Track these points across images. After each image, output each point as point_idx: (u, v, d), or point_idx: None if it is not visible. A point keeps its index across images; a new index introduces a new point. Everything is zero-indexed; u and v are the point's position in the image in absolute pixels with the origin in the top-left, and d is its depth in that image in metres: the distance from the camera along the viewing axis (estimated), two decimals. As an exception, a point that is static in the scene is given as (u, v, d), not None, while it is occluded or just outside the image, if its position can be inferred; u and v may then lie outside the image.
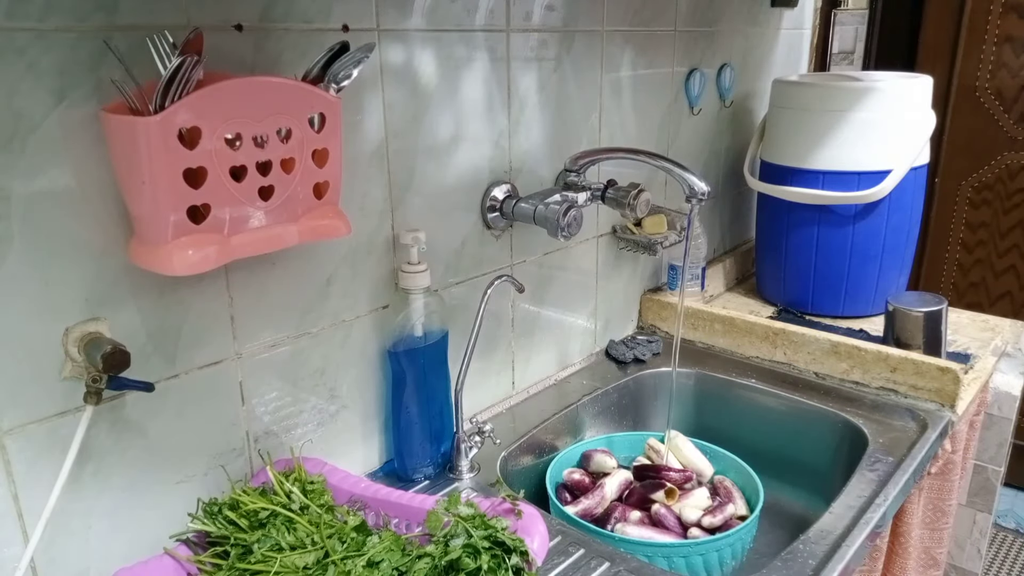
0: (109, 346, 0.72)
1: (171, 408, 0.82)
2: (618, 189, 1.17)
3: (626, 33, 1.33)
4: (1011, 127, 1.99)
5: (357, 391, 1.03)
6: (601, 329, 1.47)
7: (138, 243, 0.72)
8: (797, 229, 1.55)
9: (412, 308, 1.01)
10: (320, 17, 0.86)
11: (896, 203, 1.48)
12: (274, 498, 0.82)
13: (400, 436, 1.04)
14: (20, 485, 0.72)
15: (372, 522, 0.88)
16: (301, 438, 0.97)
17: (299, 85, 0.76)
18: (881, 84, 1.45)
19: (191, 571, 0.78)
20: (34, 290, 0.70)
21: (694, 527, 1.02)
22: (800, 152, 1.51)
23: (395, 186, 1.00)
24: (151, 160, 0.65)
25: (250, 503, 0.79)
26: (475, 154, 1.11)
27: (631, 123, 1.40)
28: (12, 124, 0.66)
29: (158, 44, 0.68)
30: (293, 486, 0.83)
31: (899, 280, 1.58)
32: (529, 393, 1.31)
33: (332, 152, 0.79)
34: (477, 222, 1.14)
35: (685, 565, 0.92)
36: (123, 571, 0.75)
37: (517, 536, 0.77)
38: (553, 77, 1.20)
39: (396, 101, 0.97)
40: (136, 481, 0.81)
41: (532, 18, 1.14)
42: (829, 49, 2.05)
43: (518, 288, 1.12)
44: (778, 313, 1.63)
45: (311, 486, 0.85)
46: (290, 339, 0.93)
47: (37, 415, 0.72)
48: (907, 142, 1.45)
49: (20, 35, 0.65)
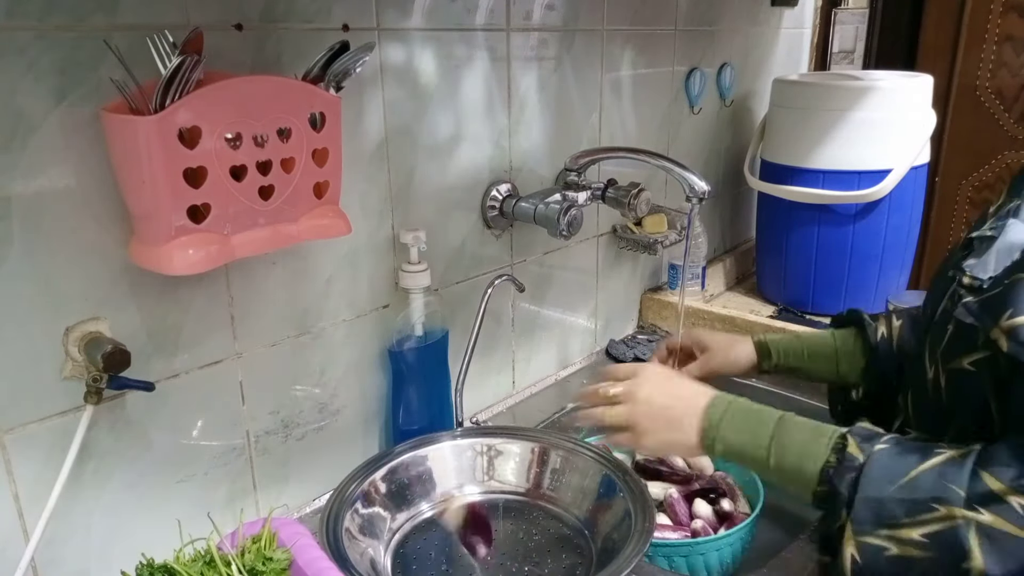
0: (109, 346, 0.72)
1: (171, 408, 0.82)
2: (618, 188, 1.17)
3: (626, 32, 1.33)
4: (1011, 126, 1.98)
5: (357, 390, 1.03)
6: (601, 328, 1.47)
7: (138, 243, 0.72)
8: (797, 228, 1.55)
9: (412, 307, 1.01)
10: (320, 16, 0.86)
11: (896, 202, 1.47)
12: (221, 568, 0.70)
13: (400, 435, 1.03)
14: (20, 484, 0.72)
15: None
16: (301, 438, 0.97)
17: (299, 84, 0.76)
18: (881, 83, 1.44)
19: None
20: (34, 290, 0.70)
21: (698, 519, 1.02)
22: (800, 151, 1.51)
23: (395, 185, 1.00)
24: (151, 159, 0.65)
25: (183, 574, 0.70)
26: (475, 153, 1.10)
27: (631, 122, 1.40)
28: (12, 124, 0.66)
29: (158, 44, 0.68)
30: (250, 555, 0.72)
31: (899, 279, 1.58)
32: (529, 392, 1.31)
33: (332, 151, 0.79)
34: (477, 221, 1.14)
35: (685, 565, 0.92)
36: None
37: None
38: (553, 76, 1.20)
39: (396, 100, 0.97)
40: (136, 480, 0.81)
41: (532, 17, 1.14)
42: (829, 48, 2.05)
43: (518, 287, 1.12)
44: (778, 312, 1.62)
45: (269, 563, 0.72)
46: (290, 339, 0.93)
47: (38, 414, 0.72)
48: (907, 141, 1.45)
49: (20, 34, 0.65)
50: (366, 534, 0.88)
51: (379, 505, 0.92)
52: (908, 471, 0.64)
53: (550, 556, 0.89)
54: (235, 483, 0.91)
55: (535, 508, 0.95)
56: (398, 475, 0.95)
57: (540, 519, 0.94)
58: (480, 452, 1.01)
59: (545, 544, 0.91)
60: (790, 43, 1.90)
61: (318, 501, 1.00)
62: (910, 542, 0.62)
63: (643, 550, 0.79)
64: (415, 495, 0.95)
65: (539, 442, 1.00)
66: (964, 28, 1.99)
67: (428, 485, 0.97)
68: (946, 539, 0.60)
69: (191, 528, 0.76)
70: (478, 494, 0.98)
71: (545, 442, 1.00)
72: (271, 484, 0.95)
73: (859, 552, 0.64)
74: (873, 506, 0.64)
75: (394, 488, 0.94)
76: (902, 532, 0.62)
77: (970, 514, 0.59)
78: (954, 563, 0.59)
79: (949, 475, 0.62)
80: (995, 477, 0.60)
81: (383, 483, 0.93)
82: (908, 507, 0.62)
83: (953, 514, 0.60)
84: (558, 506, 0.96)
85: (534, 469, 1.00)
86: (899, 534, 0.62)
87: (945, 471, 0.62)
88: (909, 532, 0.62)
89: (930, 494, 0.61)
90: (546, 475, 0.99)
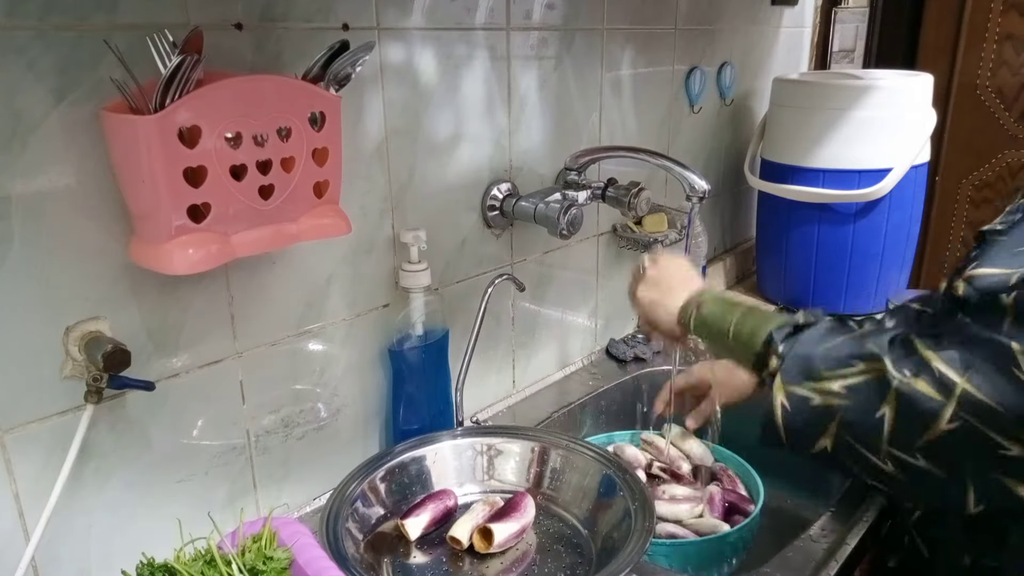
0: (109, 345, 0.72)
1: (172, 407, 0.82)
2: (618, 188, 1.17)
3: (626, 31, 1.32)
4: (1012, 125, 1.98)
5: (358, 390, 1.03)
6: (602, 328, 1.47)
7: (138, 242, 0.72)
8: (798, 227, 1.55)
9: (412, 307, 1.01)
10: (320, 16, 0.86)
11: (896, 201, 1.47)
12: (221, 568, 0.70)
13: (400, 435, 1.03)
14: (21, 484, 0.72)
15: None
16: (301, 437, 0.97)
17: (299, 84, 0.76)
18: (881, 82, 1.44)
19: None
20: (34, 289, 0.70)
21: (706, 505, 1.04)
22: (800, 150, 1.51)
23: (395, 185, 1.00)
24: (151, 159, 0.65)
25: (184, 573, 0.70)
26: (475, 153, 1.10)
27: (631, 121, 1.40)
28: (12, 124, 0.66)
29: (158, 43, 0.68)
30: (251, 555, 0.72)
31: (900, 278, 1.58)
32: (530, 392, 1.31)
33: (332, 151, 0.79)
34: (477, 221, 1.14)
35: (686, 563, 0.92)
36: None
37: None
38: (553, 76, 1.20)
39: (396, 100, 0.97)
40: (137, 480, 0.81)
41: (532, 16, 1.14)
42: (829, 47, 2.05)
43: (519, 287, 1.12)
44: (779, 311, 1.62)
45: (269, 563, 0.72)
46: (290, 338, 0.93)
47: (38, 414, 0.72)
48: (907, 140, 1.45)
49: (20, 34, 0.65)
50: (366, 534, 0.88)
51: (379, 505, 0.92)
52: (837, 337, 0.73)
53: (550, 556, 0.89)
54: (235, 482, 0.91)
55: (535, 508, 0.94)
56: (398, 475, 0.95)
57: (540, 519, 0.94)
58: (480, 452, 1.01)
59: (545, 544, 0.91)
60: (790, 42, 1.90)
61: (318, 500, 1.00)
62: (831, 392, 0.70)
63: (643, 549, 0.79)
64: (415, 495, 0.95)
65: (539, 441, 1.00)
66: (964, 27, 1.99)
67: (428, 485, 0.97)
68: (860, 389, 0.69)
69: (191, 527, 0.76)
70: (477, 492, 0.98)
71: (545, 441, 1.00)
72: (271, 483, 0.95)
73: (788, 400, 0.73)
74: (801, 362, 0.73)
75: (394, 488, 0.94)
76: (824, 384, 0.71)
77: (883, 367, 0.68)
78: (869, 410, 0.68)
79: (869, 338, 0.71)
80: (922, 343, 0.68)
81: (383, 483, 0.94)
82: (831, 363, 0.71)
83: (869, 368, 0.69)
84: (558, 505, 0.96)
85: (534, 468, 1.00)
86: (821, 386, 0.71)
87: (865, 335, 0.72)
88: (830, 384, 0.70)
89: (849, 352, 0.71)
90: (546, 475, 0.99)
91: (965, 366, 0.64)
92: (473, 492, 0.99)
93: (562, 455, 0.99)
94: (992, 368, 0.63)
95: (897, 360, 0.67)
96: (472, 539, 0.89)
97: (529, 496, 0.94)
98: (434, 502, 0.92)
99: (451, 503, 0.94)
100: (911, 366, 0.66)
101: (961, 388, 0.63)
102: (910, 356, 0.67)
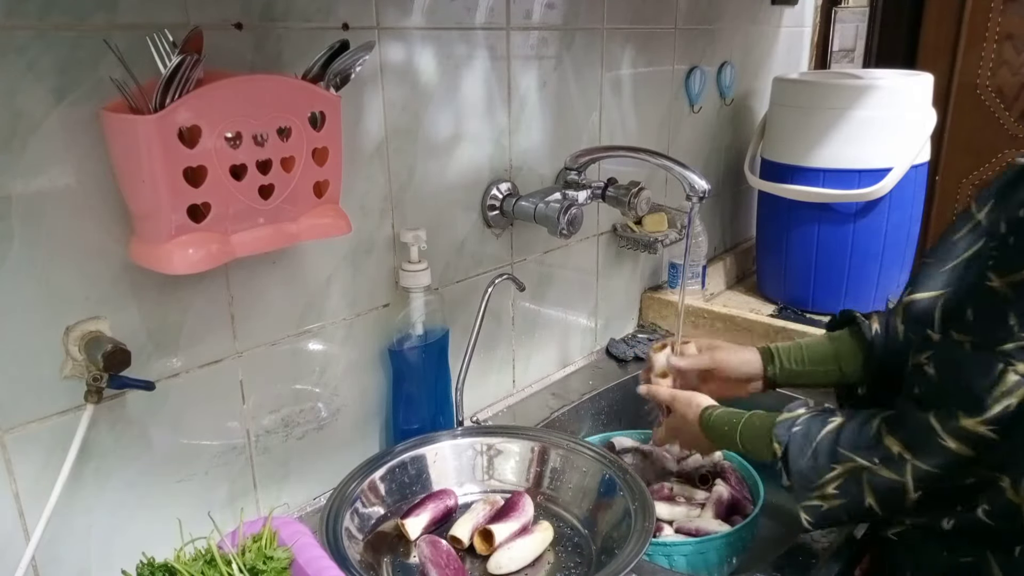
0: (110, 345, 0.72)
1: (172, 407, 0.82)
2: (618, 187, 1.17)
3: (626, 31, 1.32)
4: (1012, 125, 1.98)
5: (358, 389, 1.03)
6: (602, 327, 1.47)
7: (138, 242, 0.72)
8: (798, 227, 1.55)
9: (412, 307, 1.01)
10: (320, 16, 0.86)
11: (897, 201, 1.47)
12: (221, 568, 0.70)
13: (400, 435, 1.03)
14: (21, 484, 0.72)
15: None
16: (301, 437, 0.97)
17: (299, 83, 0.76)
18: (882, 82, 1.44)
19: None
20: (34, 289, 0.70)
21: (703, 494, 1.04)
22: (801, 150, 1.51)
23: (395, 184, 1.00)
24: (151, 159, 0.65)
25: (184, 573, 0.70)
26: (475, 152, 1.10)
27: (631, 121, 1.40)
28: (12, 123, 0.66)
29: (158, 43, 0.68)
30: (251, 555, 0.72)
31: (900, 278, 1.58)
32: (530, 392, 1.31)
33: (332, 151, 0.79)
34: (477, 220, 1.14)
35: (686, 563, 0.92)
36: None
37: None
38: (553, 75, 1.20)
39: (396, 99, 0.97)
40: (137, 480, 0.81)
41: (532, 16, 1.14)
42: (830, 47, 2.05)
43: (519, 286, 1.12)
44: (779, 311, 1.62)
45: (269, 562, 0.72)
46: (290, 338, 0.93)
47: (38, 414, 0.72)
48: (908, 140, 1.45)
49: (20, 34, 0.65)
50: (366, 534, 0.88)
51: (379, 505, 0.92)
52: (812, 442, 0.80)
53: (550, 555, 0.89)
54: (235, 482, 0.91)
55: (535, 507, 0.94)
56: (398, 474, 0.95)
57: (540, 518, 0.94)
58: (480, 451, 1.01)
59: (545, 543, 0.91)
60: (790, 42, 1.90)
61: (318, 500, 1.00)
62: (830, 495, 0.79)
63: (643, 549, 0.79)
64: (415, 494, 0.95)
65: (539, 441, 1.00)
66: (964, 26, 1.99)
67: (428, 485, 0.97)
68: (847, 488, 0.77)
69: (191, 527, 0.76)
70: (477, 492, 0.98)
71: (545, 441, 1.00)
72: (271, 483, 0.95)
73: (806, 513, 0.80)
74: (797, 478, 0.80)
75: (394, 487, 0.94)
76: (822, 490, 0.79)
77: (859, 463, 0.76)
78: (860, 501, 0.77)
79: (842, 433, 0.78)
80: (884, 425, 0.76)
81: (383, 483, 0.94)
82: (817, 471, 0.79)
83: (845, 470, 0.77)
84: (558, 505, 0.96)
85: (534, 468, 1.00)
86: (822, 492, 0.79)
87: (837, 435, 0.79)
88: (826, 488, 0.78)
89: (827, 457, 0.78)
90: (546, 474, 0.99)
91: (907, 445, 0.74)
92: (473, 492, 0.99)
93: (562, 455, 0.99)
94: (924, 441, 0.72)
95: (867, 450, 0.76)
96: (473, 540, 0.89)
97: (527, 496, 0.94)
98: (434, 502, 0.93)
99: (451, 503, 0.94)
100: (878, 455, 0.75)
101: (911, 466, 0.73)
102: (877, 445, 0.75)
